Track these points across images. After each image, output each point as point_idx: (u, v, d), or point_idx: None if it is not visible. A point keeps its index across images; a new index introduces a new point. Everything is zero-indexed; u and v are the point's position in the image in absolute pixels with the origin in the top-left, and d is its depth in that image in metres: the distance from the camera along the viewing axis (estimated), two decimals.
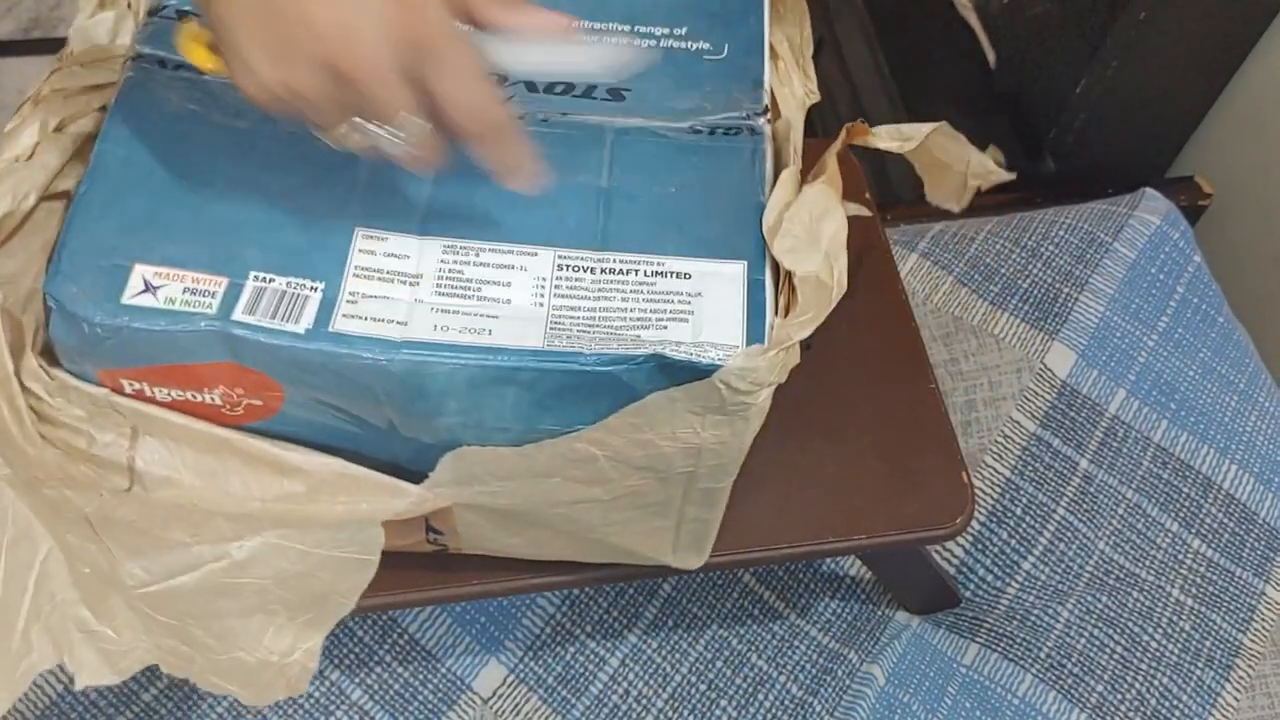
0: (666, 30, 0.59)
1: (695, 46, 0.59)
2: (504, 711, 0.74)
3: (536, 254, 0.51)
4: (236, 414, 0.50)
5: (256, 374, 0.48)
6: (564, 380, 0.48)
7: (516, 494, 0.53)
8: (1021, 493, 0.85)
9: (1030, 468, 0.86)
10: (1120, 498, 0.85)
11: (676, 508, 0.56)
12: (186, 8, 0.55)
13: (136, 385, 0.48)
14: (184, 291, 0.47)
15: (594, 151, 0.55)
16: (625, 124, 0.56)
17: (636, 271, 0.51)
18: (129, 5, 0.58)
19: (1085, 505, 0.84)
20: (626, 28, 0.59)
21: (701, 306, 0.50)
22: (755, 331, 0.49)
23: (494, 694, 0.75)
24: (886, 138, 0.59)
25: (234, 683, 0.50)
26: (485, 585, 0.62)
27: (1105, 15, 1.08)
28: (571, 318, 0.49)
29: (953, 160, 0.64)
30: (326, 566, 0.50)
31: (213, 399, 0.49)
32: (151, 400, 0.49)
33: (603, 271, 0.51)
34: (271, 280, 0.48)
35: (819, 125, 1.20)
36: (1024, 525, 0.84)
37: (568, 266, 0.51)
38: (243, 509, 0.50)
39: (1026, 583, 0.82)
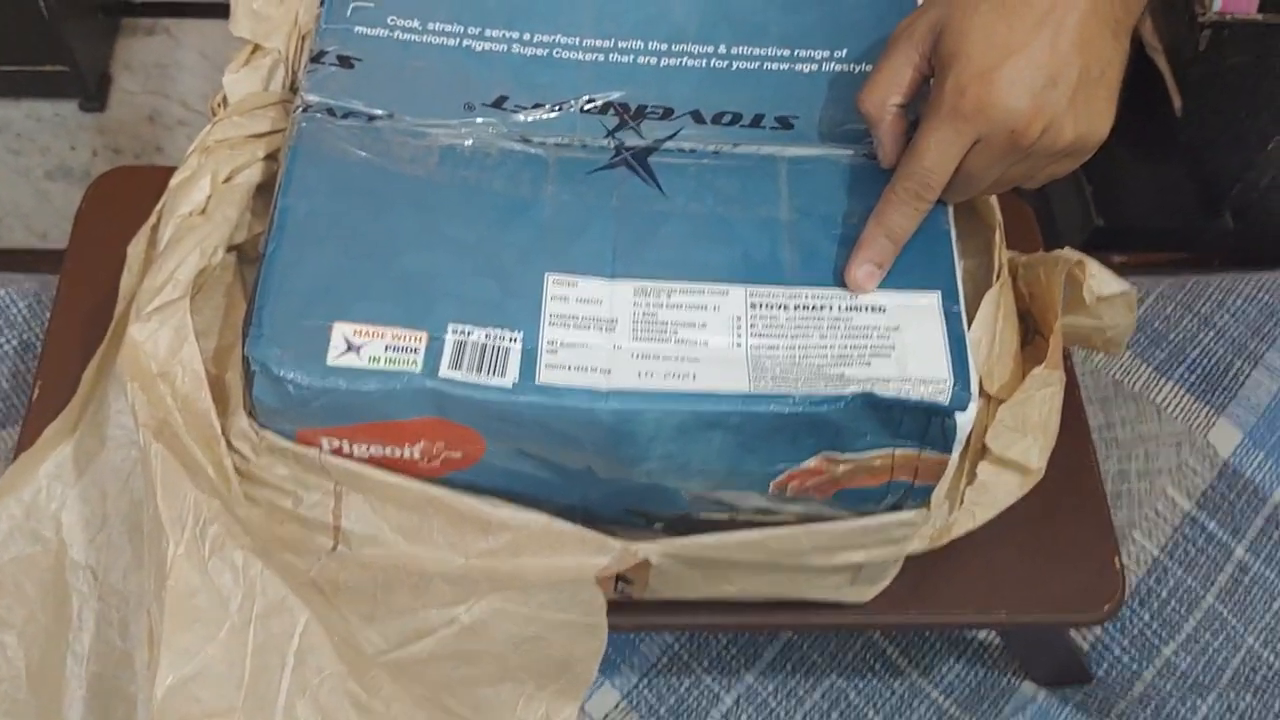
0: (827, 53, 0.58)
1: (859, 69, 0.58)
2: None
3: (727, 292, 0.50)
4: (433, 467, 0.50)
5: (461, 428, 0.48)
6: (772, 422, 0.48)
7: (720, 551, 0.53)
8: (1169, 574, 0.81)
9: (1181, 549, 0.82)
10: (1276, 592, 0.80)
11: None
12: (349, 54, 0.55)
13: (336, 443, 0.49)
14: (386, 349, 0.47)
15: (769, 183, 0.54)
16: (797, 153, 0.55)
17: (831, 307, 0.50)
18: (280, 52, 0.59)
19: (1237, 596, 0.80)
20: (786, 52, 0.58)
21: (902, 340, 0.50)
22: (959, 364, 0.49)
23: (605, 717, 0.74)
24: (1100, 285, 0.58)
25: None
26: (661, 619, 0.61)
27: None
28: (772, 357, 0.49)
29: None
30: (556, 630, 0.50)
31: (412, 454, 0.49)
32: (350, 457, 0.49)
33: (797, 308, 0.50)
34: (470, 332, 0.48)
35: None
36: (1169, 609, 0.80)
37: (761, 305, 0.50)
38: (446, 566, 0.50)
39: (1165, 670, 0.78)
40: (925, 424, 0.49)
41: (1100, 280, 0.60)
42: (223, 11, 0.60)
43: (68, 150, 1.41)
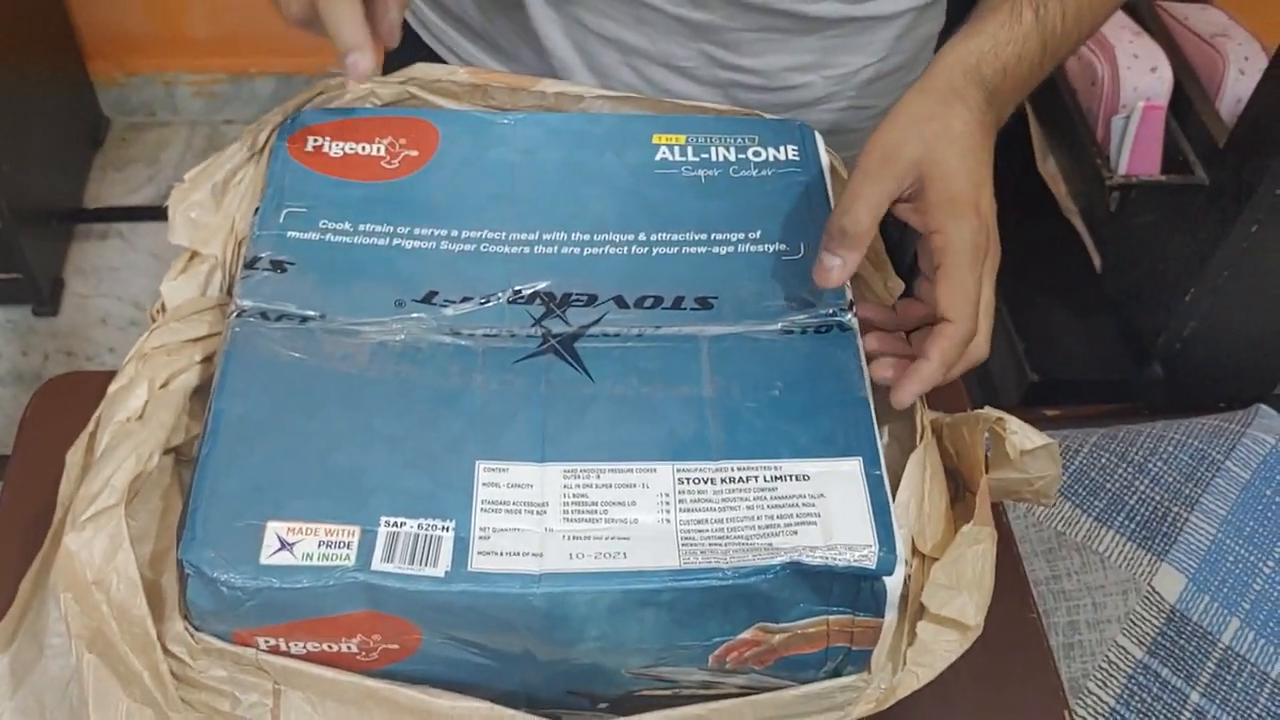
0: (742, 235, 0.61)
1: (772, 248, 0.60)
2: None
3: (655, 470, 0.52)
4: (371, 659, 0.50)
5: (397, 620, 0.48)
6: (704, 597, 0.49)
7: None
8: None
9: (1137, 698, 0.82)
10: None
11: None
12: (283, 258, 0.57)
13: (272, 641, 0.49)
14: (319, 545, 0.48)
15: (692, 362, 0.56)
16: (718, 331, 0.57)
17: (756, 478, 0.52)
18: (217, 258, 0.61)
19: None
20: (703, 236, 0.61)
21: (827, 508, 0.51)
22: (883, 528, 0.50)
23: None
24: (1021, 440, 0.60)
25: None
26: None
27: (1216, 227, 1.08)
28: (700, 531, 0.50)
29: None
30: None
31: (349, 648, 0.49)
32: (287, 654, 0.49)
33: (723, 481, 0.51)
34: (403, 524, 0.49)
35: None
36: None
37: (688, 480, 0.51)
38: None
39: None
40: (855, 589, 0.50)
41: (1021, 435, 0.62)
42: None
43: (20, 355, 1.42)
